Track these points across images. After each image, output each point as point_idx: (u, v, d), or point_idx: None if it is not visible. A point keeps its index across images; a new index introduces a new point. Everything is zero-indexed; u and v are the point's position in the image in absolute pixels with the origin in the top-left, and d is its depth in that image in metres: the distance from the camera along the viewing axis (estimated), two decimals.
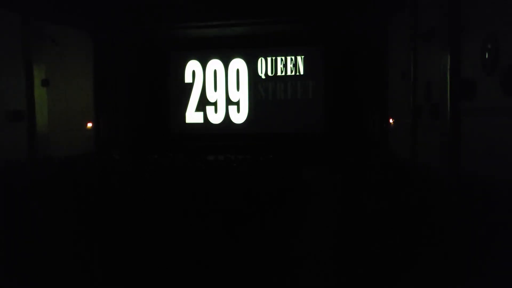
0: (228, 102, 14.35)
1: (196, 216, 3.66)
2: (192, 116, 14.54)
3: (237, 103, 14.31)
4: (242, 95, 14.25)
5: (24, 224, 3.71)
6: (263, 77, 14.09)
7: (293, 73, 13.93)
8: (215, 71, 14.38)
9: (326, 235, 5.42)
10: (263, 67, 14.07)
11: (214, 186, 4.80)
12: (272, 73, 14.06)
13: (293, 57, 13.91)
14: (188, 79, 14.52)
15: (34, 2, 9.88)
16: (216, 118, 14.44)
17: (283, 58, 13.95)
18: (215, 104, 14.44)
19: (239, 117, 14.30)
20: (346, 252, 3.42)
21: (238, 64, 14.21)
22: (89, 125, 12.33)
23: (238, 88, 14.27)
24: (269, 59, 14.03)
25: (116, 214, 3.79)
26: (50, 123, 10.53)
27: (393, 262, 2.91)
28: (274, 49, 13.96)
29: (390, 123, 10.90)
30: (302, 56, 13.84)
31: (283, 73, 13.99)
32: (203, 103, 14.45)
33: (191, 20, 12.03)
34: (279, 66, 14.00)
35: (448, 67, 6.25)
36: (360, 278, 3.13)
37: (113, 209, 3.89)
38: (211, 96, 14.43)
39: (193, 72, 14.48)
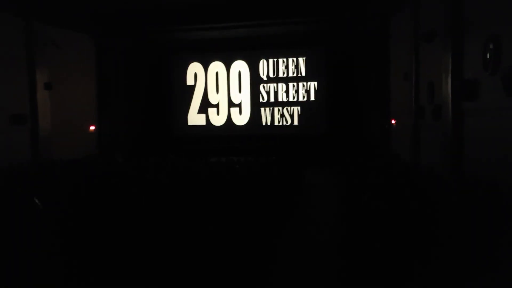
0: (230, 104, 14.37)
1: (204, 217, 3.68)
2: (194, 118, 14.57)
3: (239, 105, 14.33)
4: (244, 97, 14.27)
5: (27, 226, 3.74)
6: (265, 78, 14.11)
7: (294, 75, 13.94)
8: (217, 73, 14.40)
9: (327, 235, 5.41)
10: (265, 68, 14.09)
11: (216, 188, 4.80)
12: (273, 74, 14.07)
13: (294, 59, 13.92)
14: (190, 81, 14.56)
15: (37, 6, 9.94)
16: (218, 120, 14.46)
17: (285, 59, 13.97)
18: (217, 106, 14.47)
19: (241, 119, 14.32)
20: (348, 252, 3.43)
21: (240, 66, 14.23)
22: (92, 128, 12.39)
23: (240, 90, 14.29)
24: (270, 60, 14.05)
25: (118, 216, 3.80)
26: (53, 126, 10.57)
27: (393, 263, 2.91)
28: (276, 51, 13.98)
29: (392, 124, 10.89)
30: (304, 58, 13.85)
31: (285, 75, 14.00)
32: (205, 105, 14.48)
33: (192, 23, 12.06)
34: (281, 67, 14.01)
35: (450, 67, 6.25)
36: (360, 278, 3.13)
37: (116, 211, 3.91)
38: (213, 98, 14.46)
39: (195, 75, 14.52)
